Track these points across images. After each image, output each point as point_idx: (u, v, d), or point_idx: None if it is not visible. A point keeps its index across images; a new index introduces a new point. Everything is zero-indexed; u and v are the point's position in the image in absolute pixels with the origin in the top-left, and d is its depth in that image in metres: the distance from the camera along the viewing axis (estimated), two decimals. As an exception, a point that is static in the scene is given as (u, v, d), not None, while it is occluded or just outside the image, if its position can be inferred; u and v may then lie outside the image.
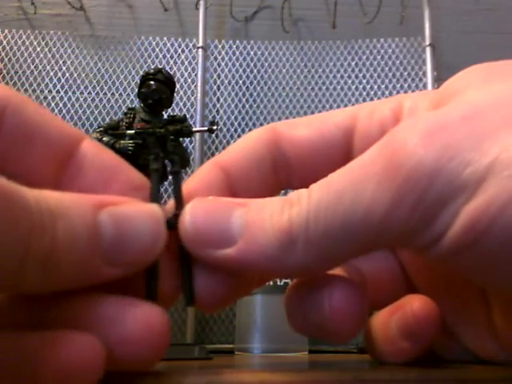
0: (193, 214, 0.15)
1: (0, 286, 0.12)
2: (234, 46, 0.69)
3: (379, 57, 0.69)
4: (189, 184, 0.18)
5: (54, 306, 0.14)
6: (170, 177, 0.18)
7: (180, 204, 0.16)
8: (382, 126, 0.18)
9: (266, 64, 0.69)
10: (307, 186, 0.15)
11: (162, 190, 0.63)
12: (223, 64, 0.69)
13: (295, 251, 0.14)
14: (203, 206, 0.15)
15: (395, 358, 0.19)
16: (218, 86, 0.68)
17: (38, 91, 0.65)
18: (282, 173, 0.19)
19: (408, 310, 0.18)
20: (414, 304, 0.18)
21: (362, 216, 0.14)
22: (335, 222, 0.14)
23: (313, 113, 0.67)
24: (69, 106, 0.65)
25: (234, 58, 0.69)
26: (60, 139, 0.15)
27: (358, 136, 0.19)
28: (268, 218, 0.15)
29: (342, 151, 0.19)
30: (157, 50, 0.68)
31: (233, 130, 0.67)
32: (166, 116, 0.50)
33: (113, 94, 0.66)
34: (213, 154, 0.66)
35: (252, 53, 0.69)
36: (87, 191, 0.14)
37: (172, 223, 0.15)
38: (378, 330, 0.19)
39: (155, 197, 0.16)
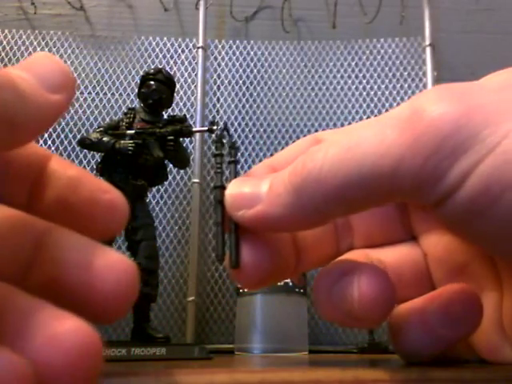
0: (232, 184, 0.18)
1: None
2: (234, 46, 0.69)
3: (379, 57, 0.69)
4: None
5: None
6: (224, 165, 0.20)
7: None
8: None
9: (266, 64, 0.69)
10: None
11: (161, 189, 0.63)
12: (223, 64, 0.69)
13: (309, 199, 0.15)
14: (239, 179, 0.18)
15: (430, 348, 0.19)
16: (218, 86, 0.68)
17: (38, 91, 0.65)
18: None
19: (453, 297, 0.18)
20: (459, 291, 0.18)
21: (376, 161, 0.14)
22: (350, 168, 0.14)
23: (313, 113, 0.67)
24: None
25: (234, 58, 0.69)
26: (31, 159, 0.16)
27: None
28: (287, 174, 0.16)
29: None
30: (157, 49, 0.68)
31: (233, 129, 0.67)
32: (166, 116, 0.50)
33: (113, 94, 0.66)
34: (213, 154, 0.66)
35: (252, 53, 0.69)
36: (58, 201, 0.16)
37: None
38: (412, 320, 0.19)
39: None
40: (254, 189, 0.17)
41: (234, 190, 0.17)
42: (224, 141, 0.21)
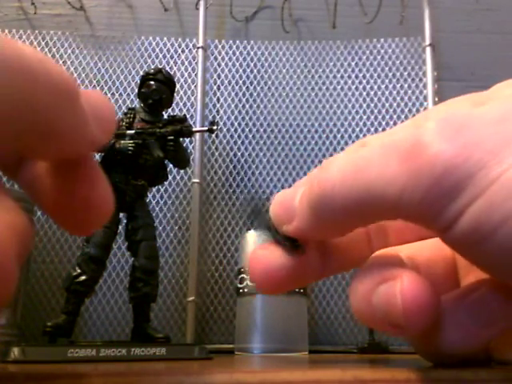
0: (273, 204, 0.19)
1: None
2: (234, 46, 0.69)
3: (379, 57, 0.69)
4: None
5: None
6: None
7: None
8: None
9: (266, 64, 0.69)
10: None
11: (161, 189, 0.63)
12: (223, 64, 0.69)
13: (327, 213, 0.17)
14: (281, 195, 0.19)
15: (463, 348, 0.18)
16: (218, 86, 0.68)
17: (38, 91, 0.65)
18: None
19: (485, 292, 0.18)
20: (492, 286, 0.18)
21: (383, 187, 0.15)
22: (360, 187, 0.16)
23: (313, 113, 0.67)
24: (69, 106, 0.65)
25: (234, 58, 0.69)
26: None
27: None
28: (309, 190, 0.17)
29: None
30: (157, 50, 0.68)
31: (233, 130, 0.67)
32: (166, 116, 0.50)
33: (113, 94, 0.66)
34: (213, 154, 0.66)
35: (252, 53, 0.69)
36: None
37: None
38: (443, 319, 0.18)
39: None
40: (290, 203, 0.19)
41: (275, 206, 0.19)
42: None
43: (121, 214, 0.47)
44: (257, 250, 0.20)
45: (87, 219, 0.16)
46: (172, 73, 0.60)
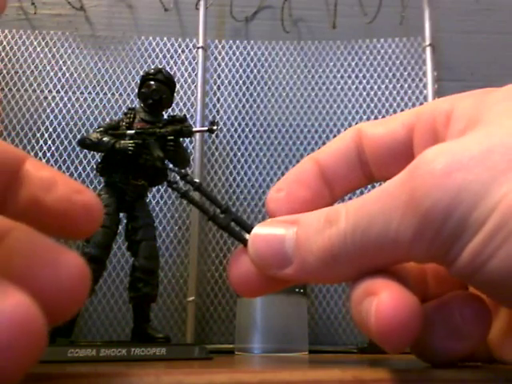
0: (255, 246, 0.19)
1: None
2: (234, 46, 0.69)
3: (379, 57, 0.69)
4: (289, 175, 0.22)
5: None
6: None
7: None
8: (435, 126, 0.20)
9: (266, 64, 0.69)
10: (385, 178, 0.18)
11: (161, 189, 0.63)
12: (223, 64, 0.69)
13: (338, 266, 0.18)
14: (262, 236, 0.19)
15: (455, 348, 0.19)
16: (218, 86, 0.68)
17: (38, 91, 0.65)
18: (365, 166, 0.22)
19: (455, 307, 0.18)
20: (461, 301, 0.18)
21: (391, 242, 0.16)
22: (369, 244, 0.17)
23: (313, 113, 0.67)
24: (69, 106, 0.65)
25: (234, 58, 0.69)
26: (5, 160, 0.17)
27: (417, 133, 0.21)
28: (313, 238, 0.18)
29: (404, 146, 0.21)
30: (157, 50, 0.68)
31: (233, 130, 0.67)
32: (166, 116, 0.50)
33: (113, 94, 0.66)
34: (213, 154, 0.66)
35: (252, 53, 0.69)
36: (32, 202, 0.16)
37: None
38: (435, 319, 0.19)
39: None
40: (280, 252, 0.19)
41: (259, 249, 0.19)
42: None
43: (121, 214, 0.47)
44: (234, 254, 0.21)
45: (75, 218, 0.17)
46: (172, 73, 0.60)
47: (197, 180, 0.23)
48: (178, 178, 0.23)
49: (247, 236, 0.20)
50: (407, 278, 0.18)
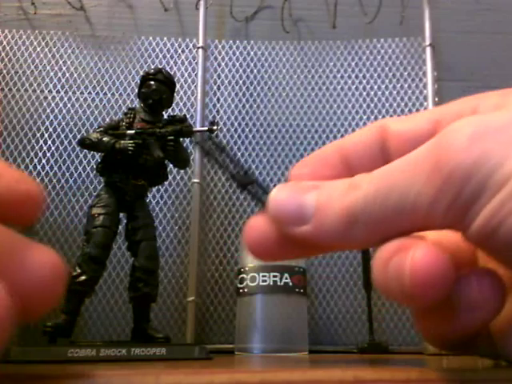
0: (275, 200, 0.19)
1: None
2: (234, 46, 0.69)
3: (379, 57, 0.69)
4: (313, 155, 0.23)
5: None
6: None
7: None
8: None
9: (266, 64, 0.69)
10: None
11: (161, 189, 0.63)
12: (223, 64, 0.69)
13: (356, 229, 0.18)
14: (283, 192, 0.19)
15: (456, 330, 0.19)
16: (218, 86, 0.68)
17: (38, 91, 0.65)
18: (387, 161, 0.22)
19: (473, 279, 0.18)
20: (480, 274, 0.18)
21: (410, 207, 0.17)
22: (388, 209, 0.17)
23: (313, 113, 0.67)
24: (69, 106, 0.65)
25: (234, 58, 0.69)
26: None
27: (442, 129, 0.21)
28: (335, 199, 0.18)
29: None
30: (157, 50, 0.68)
31: (233, 130, 0.67)
32: (166, 116, 0.50)
33: (113, 94, 0.66)
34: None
35: (252, 53, 0.69)
36: None
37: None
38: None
39: None
40: (300, 206, 0.19)
41: (279, 203, 0.19)
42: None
43: (121, 214, 0.47)
44: (251, 218, 0.21)
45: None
46: (172, 73, 0.60)
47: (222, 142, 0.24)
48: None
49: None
50: (450, 248, 0.18)
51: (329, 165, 0.22)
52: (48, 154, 0.62)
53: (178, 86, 0.61)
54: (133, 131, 0.46)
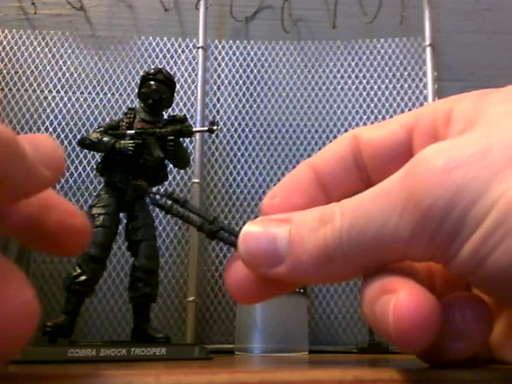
0: (245, 244, 0.19)
1: None
2: (234, 46, 0.69)
3: (379, 57, 0.69)
4: (284, 181, 0.22)
5: None
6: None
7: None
8: (435, 126, 0.20)
9: (266, 64, 0.69)
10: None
11: (161, 189, 0.63)
12: (223, 64, 0.69)
13: (333, 265, 0.17)
14: (253, 233, 0.19)
15: (443, 358, 0.19)
16: (218, 85, 0.68)
17: (38, 91, 0.65)
18: (362, 170, 0.22)
19: (456, 309, 0.18)
20: (463, 303, 0.18)
21: (389, 240, 0.16)
22: (366, 243, 0.16)
23: (313, 113, 0.67)
24: (69, 106, 0.65)
25: (234, 58, 0.69)
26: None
27: (416, 134, 0.21)
28: (307, 235, 0.18)
29: (403, 148, 0.21)
30: (157, 50, 0.68)
31: (233, 130, 0.67)
32: (166, 116, 0.50)
33: (113, 94, 0.66)
34: (213, 154, 0.66)
35: (252, 53, 0.69)
36: (30, 220, 0.17)
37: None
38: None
39: None
40: (272, 249, 0.18)
41: (249, 247, 0.19)
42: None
43: (121, 214, 0.47)
44: (229, 260, 0.21)
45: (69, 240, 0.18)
46: (172, 73, 0.60)
47: (181, 196, 0.23)
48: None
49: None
50: (419, 278, 0.18)
51: (300, 190, 0.21)
52: (48, 154, 0.62)
53: (178, 86, 0.61)
54: (133, 131, 0.46)
